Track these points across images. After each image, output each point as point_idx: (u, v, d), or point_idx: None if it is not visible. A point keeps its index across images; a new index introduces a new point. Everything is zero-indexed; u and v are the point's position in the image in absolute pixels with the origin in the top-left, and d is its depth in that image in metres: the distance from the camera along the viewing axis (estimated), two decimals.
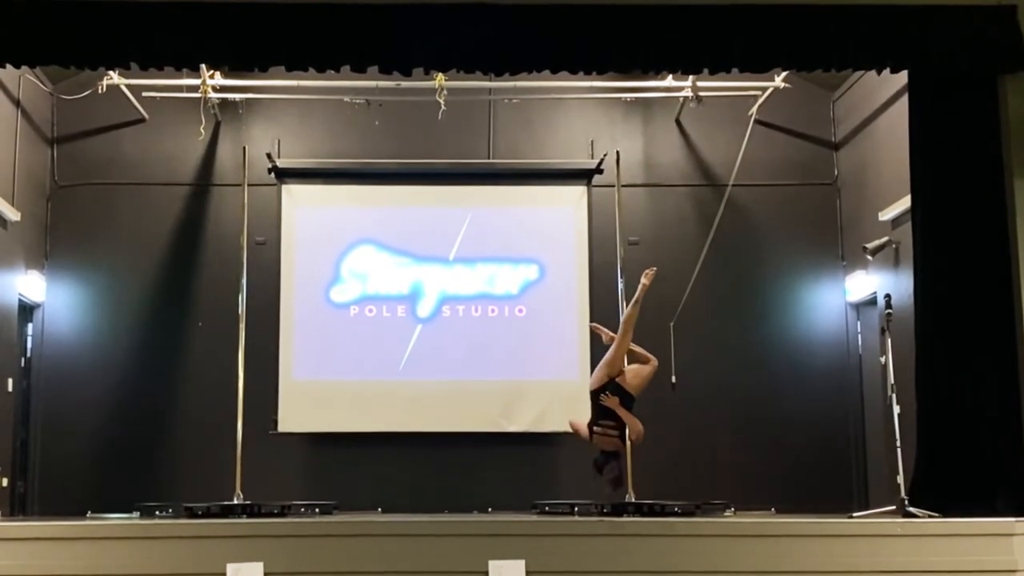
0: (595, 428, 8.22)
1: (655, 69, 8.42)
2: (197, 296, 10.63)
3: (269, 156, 10.45)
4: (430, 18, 7.20)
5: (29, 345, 10.38)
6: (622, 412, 8.11)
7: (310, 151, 10.84)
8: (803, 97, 10.81)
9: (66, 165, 10.70)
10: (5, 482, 9.46)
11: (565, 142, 11.00)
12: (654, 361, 8.46)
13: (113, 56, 7.40)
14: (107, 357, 10.44)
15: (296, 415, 10.35)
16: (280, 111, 10.87)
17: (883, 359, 7.87)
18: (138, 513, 8.48)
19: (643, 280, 8.35)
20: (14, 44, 7.10)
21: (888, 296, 7.85)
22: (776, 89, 10.29)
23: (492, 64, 7.70)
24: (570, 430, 8.71)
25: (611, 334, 8.52)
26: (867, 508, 8.29)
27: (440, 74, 9.46)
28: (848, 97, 10.75)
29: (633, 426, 8.08)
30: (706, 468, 10.24)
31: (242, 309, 9.40)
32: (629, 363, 8.43)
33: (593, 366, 10.08)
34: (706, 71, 7.73)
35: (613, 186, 10.32)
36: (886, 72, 7.77)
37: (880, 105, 9.89)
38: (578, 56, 7.43)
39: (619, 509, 7.60)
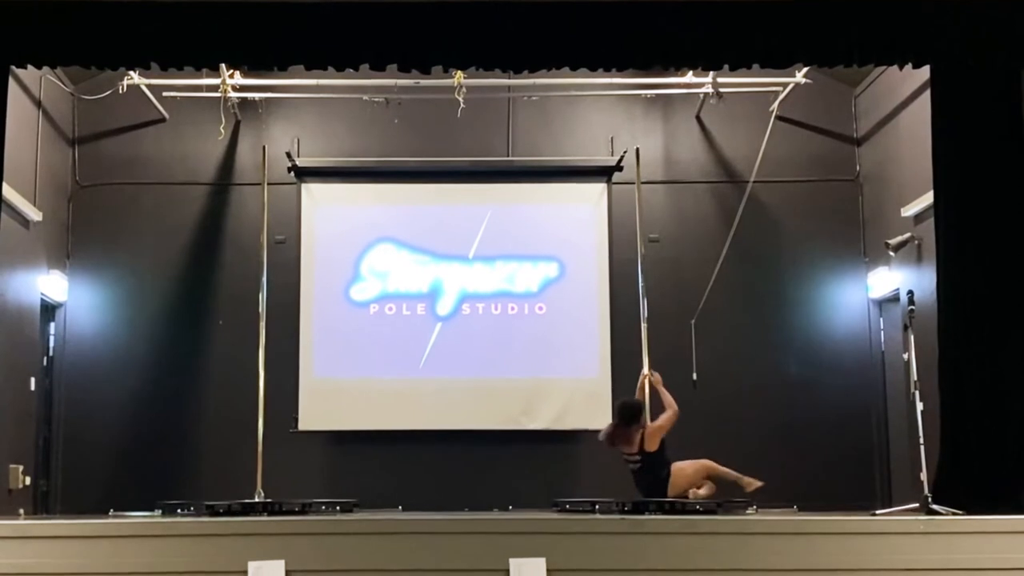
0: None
1: (675, 65, 8.37)
2: (217, 295, 10.67)
3: (289, 155, 10.47)
4: (449, 15, 7.18)
5: (51, 344, 10.44)
6: None
7: (329, 150, 10.86)
8: (824, 92, 10.75)
9: (87, 165, 10.76)
10: (28, 480, 9.51)
11: (584, 139, 10.97)
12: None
13: (133, 56, 7.41)
14: (128, 356, 10.49)
15: (316, 413, 10.37)
16: (299, 110, 10.88)
17: (906, 356, 7.80)
18: (160, 511, 8.50)
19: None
20: (35, 45, 7.13)
21: (911, 292, 7.78)
22: (797, 85, 10.24)
23: (511, 61, 7.66)
24: (589, 429, 8.76)
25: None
26: (890, 506, 8.20)
27: (459, 72, 9.46)
28: (870, 92, 10.68)
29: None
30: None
31: (262, 308, 9.45)
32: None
33: (614, 364, 10.10)
34: (726, 67, 7.67)
35: (633, 183, 10.28)
36: (908, 67, 7.70)
37: (902, 100, 9.81)
38: (597, 53, 7.39)
39: (640, 507, 7.58)
